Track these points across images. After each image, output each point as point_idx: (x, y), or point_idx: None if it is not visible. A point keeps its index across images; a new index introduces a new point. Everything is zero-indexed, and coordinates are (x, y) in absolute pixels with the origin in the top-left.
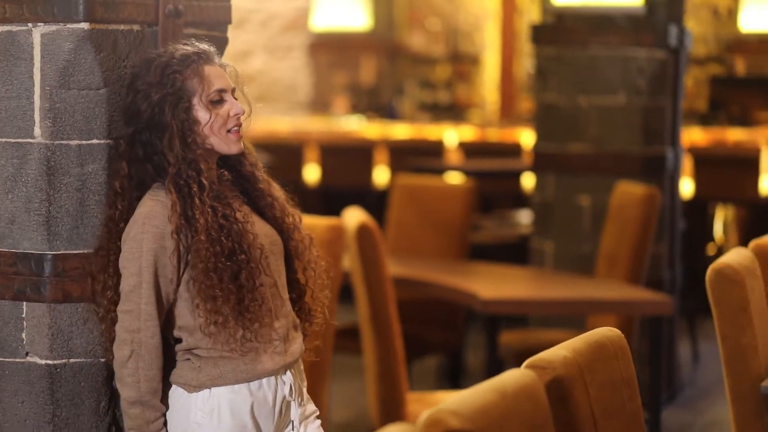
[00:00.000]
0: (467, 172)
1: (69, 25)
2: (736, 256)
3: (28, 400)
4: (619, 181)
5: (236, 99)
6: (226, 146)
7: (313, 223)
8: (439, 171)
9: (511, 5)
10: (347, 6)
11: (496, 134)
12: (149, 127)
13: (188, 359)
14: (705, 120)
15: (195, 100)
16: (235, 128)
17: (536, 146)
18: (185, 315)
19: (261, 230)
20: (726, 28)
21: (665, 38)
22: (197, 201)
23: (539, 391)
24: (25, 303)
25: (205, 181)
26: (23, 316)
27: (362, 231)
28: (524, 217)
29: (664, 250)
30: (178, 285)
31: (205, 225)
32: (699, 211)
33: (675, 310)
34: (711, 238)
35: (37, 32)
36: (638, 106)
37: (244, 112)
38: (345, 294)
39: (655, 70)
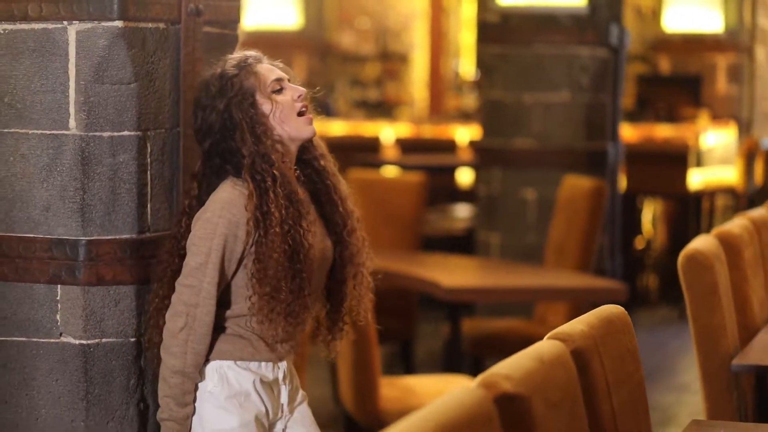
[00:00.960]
0: (404, 167)
1: (103, 23)
2: (704, 243)
3: (62, 378)
4: (562, 174)
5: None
6: (298, 131)
7: None
8: (377, 166)
9: (438, 5)
10: (278, 5)
11: (430, 131)
12: (222, 134)
13: None
14: (633, 117)
15: (257, 96)
16: (303, 109)
17: (482, 141)
18: (227, 298)
19: (319, 242)
20: (650, 28)
21: (607, 37)
22: (271, 194)
23: (569, 359)
24: (59, 286)
25: (277, 173)
26: (58, 298)
27: None
28: (461, 210)
29: (606, 241)
30: (234, 273)
31: (279, 219)
32: (628, 205)
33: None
34: (639, 231)
35: (73, 30)
36: (581, 102)
37: (306, 93)
38: None
39: (598, 67)
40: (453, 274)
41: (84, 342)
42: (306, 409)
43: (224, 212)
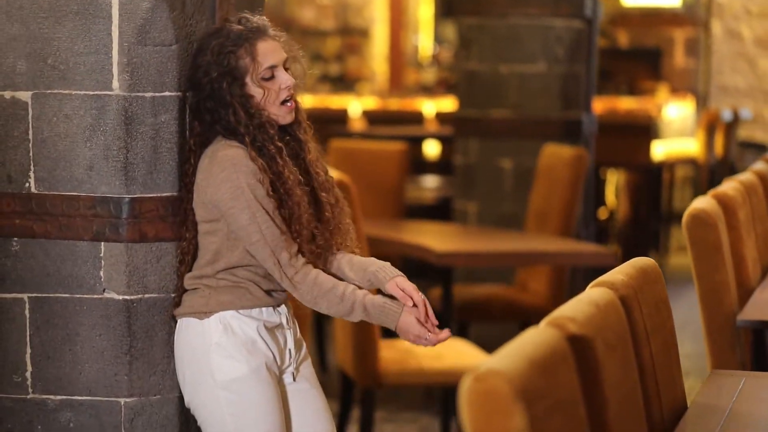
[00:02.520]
0: (373, 139)
1: None
2: (706, 203)
3: (105, 333)
4: (539, 144)
5: (288, 69)
6: (280, 117)
7: None
8: (347, 137)
9: None
10: None
11: (395, 103)
12: (212, 99)
13: (197, 288)
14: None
15: (247, 79)
16: (288, 99)
17: (459, 112)
18: (215, 250)
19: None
20: (609, 2)
21: (582, 9)
22: (279, 160)
23: (619, 305)
24: (103, 243)
25: (279, 143)
26: (101, 255)
27: (339, 187)
28: (430, 181)
29: (580, 209)
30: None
31: (296, 181)
32: (591, 176)
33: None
34: (603, 202)
35: None
36: (556, 73)
37: (293, 84)
38: None
39: (572, 39)
40: (442, 239)
41: (127, 297)
42: (309, 367)
43: (238, 167)
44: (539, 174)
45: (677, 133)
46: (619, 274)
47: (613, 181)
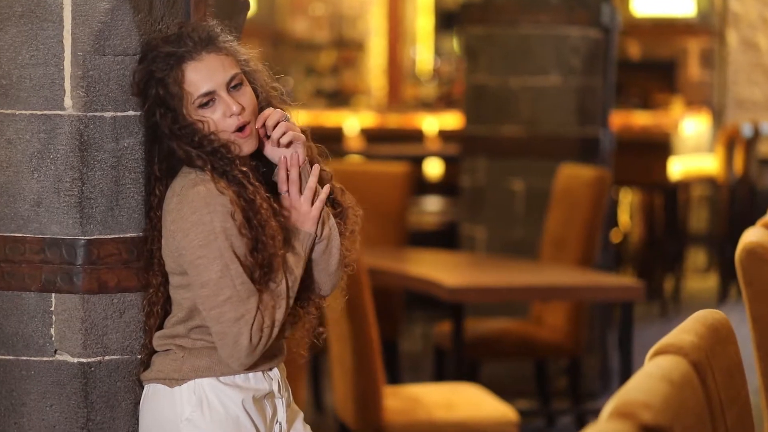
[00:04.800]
0: (370, 158)
1: None
2: (761, 235)
3: (57, 403)
4: (552, 164)
5: (239, 88)
6: (237, 148)
7: None
8: (342, 156)
9: None
10: None
11: (395, 120)
12: (152, 130)
13: (169, 350)
14: None
15: (182, 109)
16: (241, 125)
17: (466, 129)
18: (187, 306)
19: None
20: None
21: (598, 16)
22: (249, 186)
23: (694, 378)
24: (54, 295)
25: (244, 168)
26: (52, 309)
27: None
28: (432, 203)
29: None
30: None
31: (269, 210)
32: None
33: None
34: (615, 224)
35: None
36: (571, 86)
37: (242, 110)
38: None
39: (589, 49)
40: (451, 272)
41: (83, 360)
42: (303, 427)
43: (212, 207)
44: (556, 197)
45: (693, 149)
46: (686, 333)
47: (627, 202)
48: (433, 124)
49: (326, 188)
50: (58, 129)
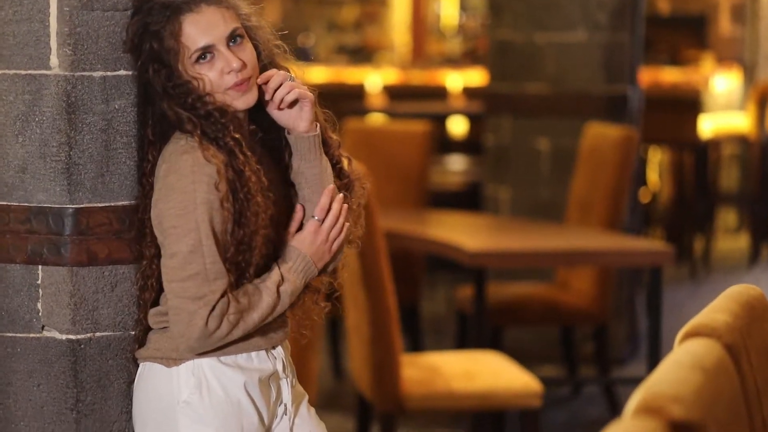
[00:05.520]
0: (393, 116)
1: None
2: None
3: (45, 382)
4: (579, 122)
5: (239, 42)
6: (231, 103)
7: None
8: (363, 115)
9: None
10: None
11: (418, 77)
12: (144, 87)
13: (166, 327)
14: None
15: (178, 65)
16: (238, 83)
17: (490, 87)
18: None
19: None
20: None
21: None
22: (240, 155)
23: (729, 364)
24: (40, 267)
25: (237, 135)
26: (38, 282)
27: None
28: (456, 162)
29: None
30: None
31: (258, 184)
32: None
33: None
34: (644, 183)
35: None
36: (598, 42)
37: (242, 66)
38: None
39: (617, 3)
40: (473, 235)
41: (72, 337)
42: (308, 410)
43: (197, 176)
44: (582, 157)
45: (724, 107)
46: (719, 313)
47: (656, 160)
48: (457, 80)
49: (347, 226)
50: (43, 90)
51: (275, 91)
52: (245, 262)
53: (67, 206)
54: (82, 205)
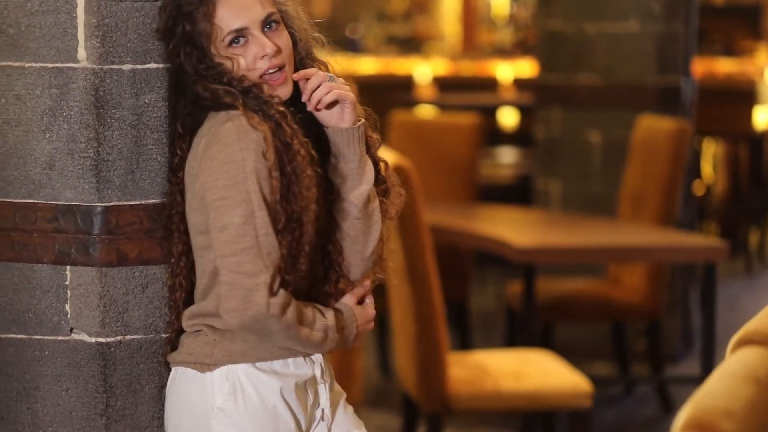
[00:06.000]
0: (442, 107)
1: None
2: None
3: (74, 387)
4: (631, 114)
5: (274, 28)
6: (270, 89)
7: None
8: (412, 106)
9: None
10: None
11: (468, 67)
12: (177, 71)
13: (199, 331)
14: None
15: (210, 47)
16: (271, 71)
17: (540, 78)
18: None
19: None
20: None
21: None
22: (286, 127)
23: None
24: (69, 267)
25: (281, 108)
26: (67, 283)
27: (397, 173)
28: (506, 155)
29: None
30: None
31: (307, 157)
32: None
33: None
34: (698, 176)
35: None
36: (651, 32)
37: (277, 51)
38: None
39: None
40: (522, 230)
41: (102, 340)
42: (345, 409)
43: (244, 143)
44: (634, 150)
45: None
46: None
47: (710, 153)
48: (507, 71)
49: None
50: (71, 83)
51: (313, 92)
52: (297, 242)
53: (96, 204)
54: (111, 204)
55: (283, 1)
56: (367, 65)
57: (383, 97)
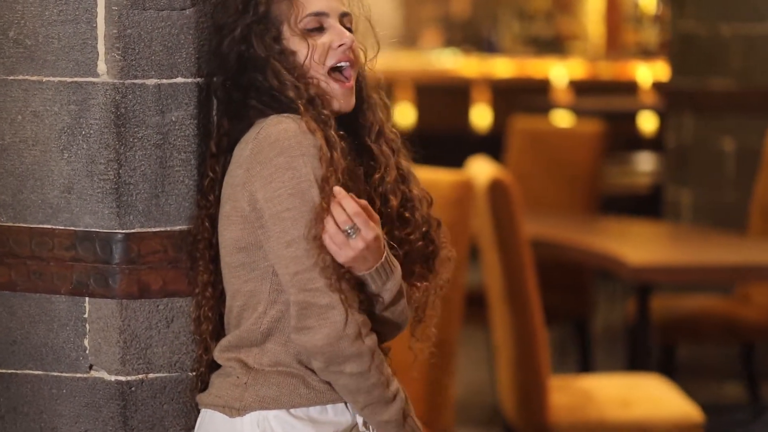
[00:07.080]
0: (578, 112)
1: None
2: None
3: (93, 428)
4: (766, 121)
5: (348, 27)
6: (333, 96)
7: (435, 178)
8: (547, 111)
9: None
10: None
11: (607, 70)
12: (241, 69)
13: (231, 369)
14: None
15: (284, 28)
16: (342, 64)
17: (671, 82)
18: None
19: None
20: None
21: None
22: (333, 136)
23: None
24: (87, 299)
25: (338, 133)
26: (85, 316)
27: (496, 187)
28: (644, 162)
29: None
30: None
31: (345, 169)
32: None
33: None
34: None
35: None
36: None
37: (352, 42)
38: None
39: None
40: (639, 246)
41: (122, 378)
42: None
43: (302, 147)
44: (766, 159)
45: None
46: None
47: None
48: (647, 74)
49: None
50: (90, 100)
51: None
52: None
53: (116, 231)
54: (132, 230)
55: (354, 3)
56: (502, 67)
57: (516, 100)
